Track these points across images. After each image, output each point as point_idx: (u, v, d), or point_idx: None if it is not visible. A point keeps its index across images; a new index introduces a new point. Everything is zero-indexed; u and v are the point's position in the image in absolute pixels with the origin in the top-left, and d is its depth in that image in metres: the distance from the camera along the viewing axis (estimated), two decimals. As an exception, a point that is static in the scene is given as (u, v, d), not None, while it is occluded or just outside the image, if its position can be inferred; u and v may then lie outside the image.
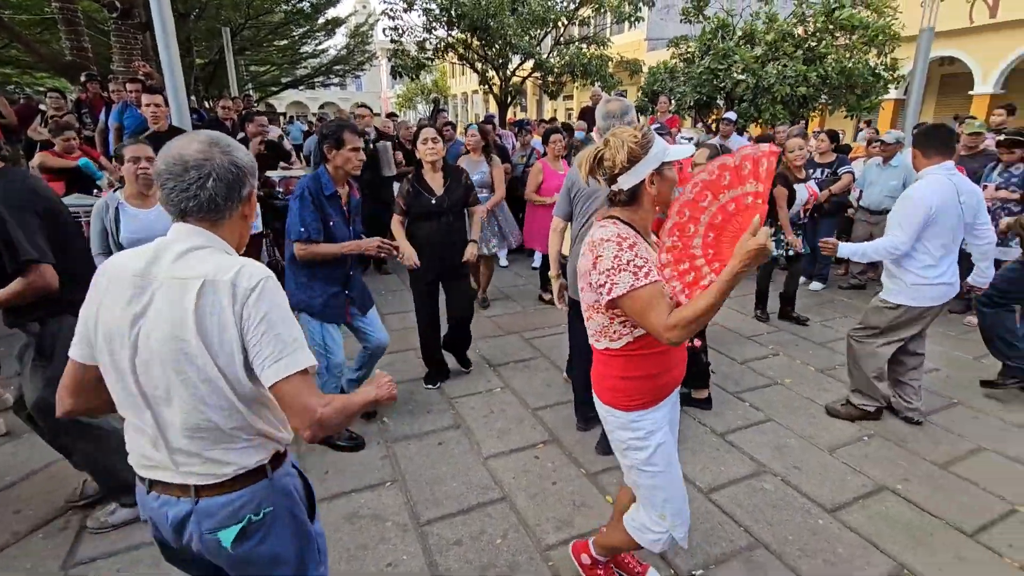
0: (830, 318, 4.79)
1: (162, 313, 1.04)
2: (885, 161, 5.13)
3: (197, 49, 14.04)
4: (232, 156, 1.11)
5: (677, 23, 10.81)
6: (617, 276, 1.41)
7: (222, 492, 1.13)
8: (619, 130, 1.49)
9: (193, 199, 1.08)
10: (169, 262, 1.06)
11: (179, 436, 1.09)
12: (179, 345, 1.03)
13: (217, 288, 1.03)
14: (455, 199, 3.23)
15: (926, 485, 2.56)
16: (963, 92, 14.25)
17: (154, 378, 1.06)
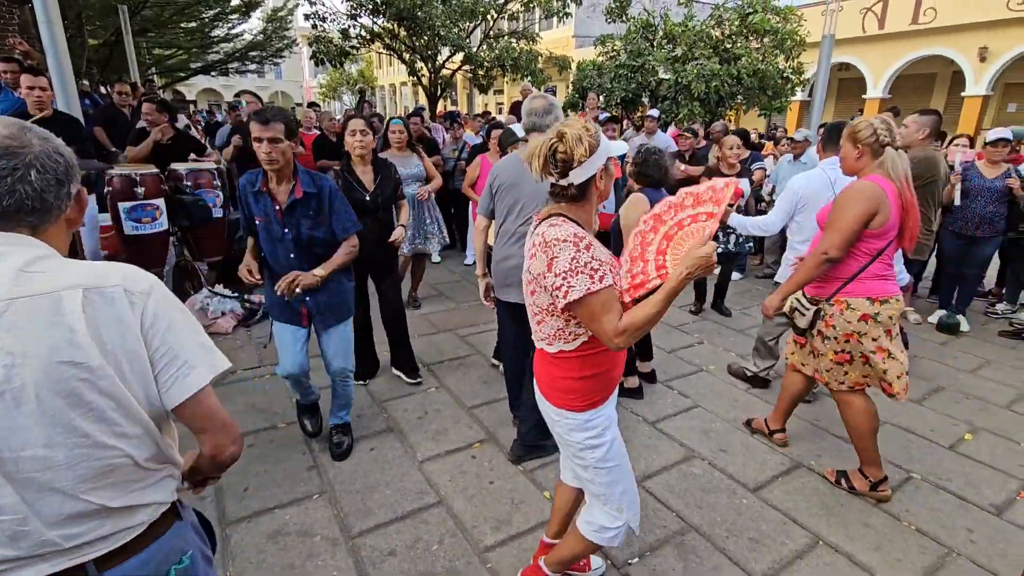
0: (748, 306, 5.07)
1: (25, 342, 0.79)
2: (796, 157, 5.50)
3: (90, 28, 12.67)
4: (53, 143, 0.90)
5: (604, 21, 11.05)
6: (574, 279, 1.36)
7: (135, 552, 0.92)
8: (571, 122, 1.44)
9: (9, 195, 0.83)
10: (8, 281, 0.81)
11: (66, 500, 0.85)
12: (71, 372, 0.82)
13: (107, 297, 0.85)
14: (387, 195, 3.15)
15: (835, 459, 2.76)
16: (857, 96, 15.63)
17: (21, 434, 0.81)
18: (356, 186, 3.07)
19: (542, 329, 1.54)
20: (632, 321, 1.35)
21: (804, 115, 15.15)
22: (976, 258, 4.43)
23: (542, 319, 1.53)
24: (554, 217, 1.47)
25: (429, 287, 5.37)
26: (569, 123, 1.44)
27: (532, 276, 1.47)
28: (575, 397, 1.55)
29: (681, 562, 2.10)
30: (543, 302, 1.49)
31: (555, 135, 1.43)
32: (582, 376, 1.54)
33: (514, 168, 2.58)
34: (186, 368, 0.91)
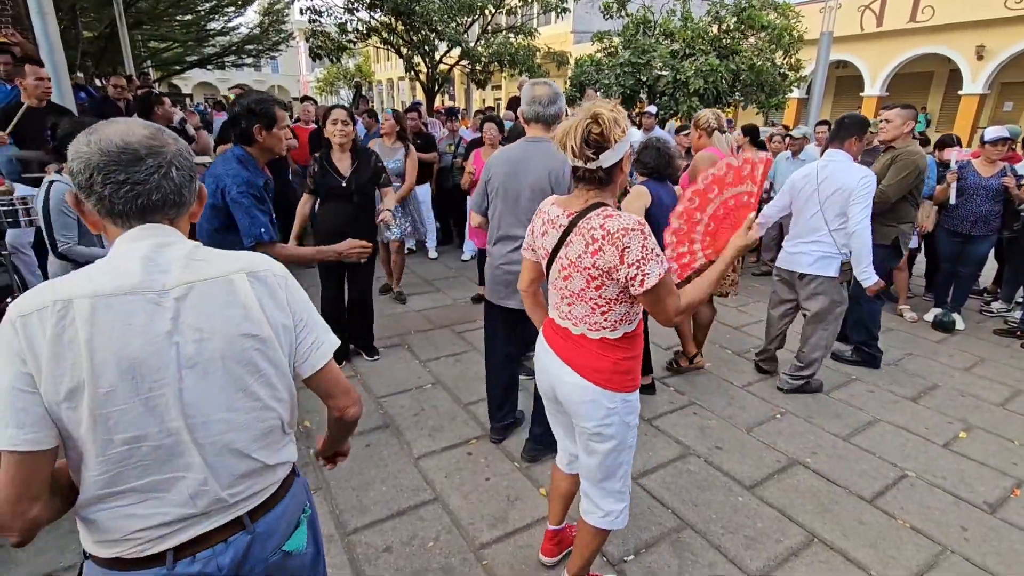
0: (744, 303, 5.08)
1: (210, 318, 0.90)
2: (794, 154, 5.49)
3: (85, 20, 12.56)
4: (182, 143, 0.97)
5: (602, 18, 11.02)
6: (647, 266, 1.39)
7: (275, 503, 1.05)
8: (603, 103, 1.43)
9: (157, 191, 0.91)
10: (180, 267, 0.90)
11: (241, 460, 0.97)
12: (250, 344, 0.94)
13: (262, 280, 0.98)
14: (363, 181, 3.19)
15: (831, 456, 2.77)
16: (855, 93, 15.63)
17: (209, 400, 0.92)
18: (332, 172, 3.13)
19: (608, 318, 1.52)
20: (691, 300, 1.48)
21: (802, 112, 15.16)
22: (971, 257, 4.44)
23: (609, 308, 1.51)
24: (599, 208, 1.46)
25: (425, 282, 5.36)
26: (601, 104, 1.43)
27: (600, 270, 1.44)
28: (632, 377, 1.60)
29: (676, 559, 2.10)
30: (611, 293, 1.48)
31: (588, 117, 1.40)
32: (635, 355, 1.60)
33: (510, 163, 2.41)
34: (319, 341, 1.05)
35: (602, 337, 1.55)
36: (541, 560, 2.04)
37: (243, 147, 2.22)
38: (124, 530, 0.91)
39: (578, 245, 1.47)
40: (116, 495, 0.89)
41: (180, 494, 0.92)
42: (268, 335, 0.96)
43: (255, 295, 0.95)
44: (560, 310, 1.62)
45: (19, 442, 0.81)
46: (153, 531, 0.92)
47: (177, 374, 0.88)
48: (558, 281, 1.58)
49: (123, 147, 0.88)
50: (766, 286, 5.58)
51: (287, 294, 1.02)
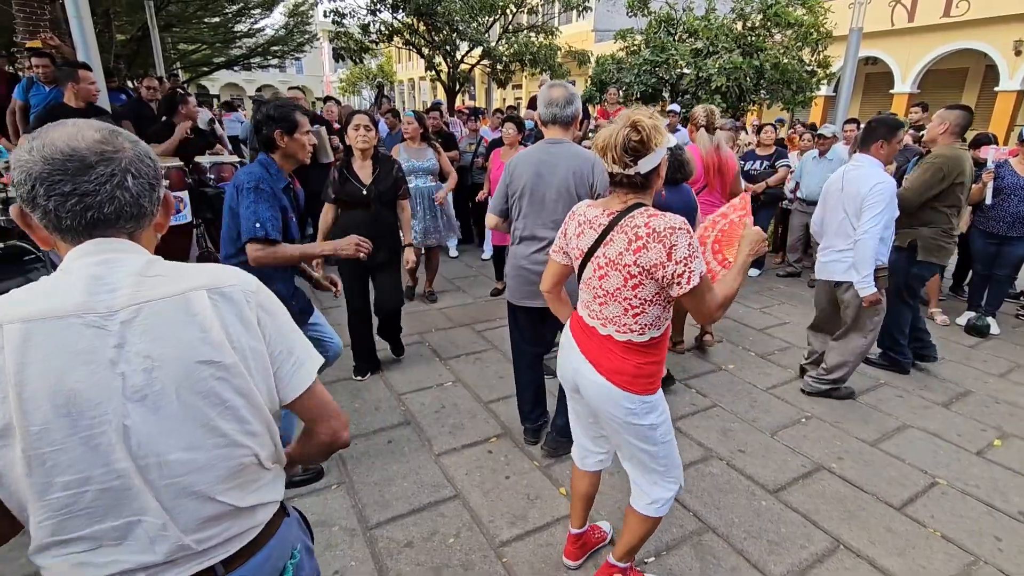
0: (768, 305, 4.99)
1: (161, 344, 0.79)
2: (821, 154, 5.38)
3: (117, 24, 12.92)
4: (142, 147, 0.86)
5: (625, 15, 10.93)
6: (692, 264, 1.42)
7: (255, 551, 0.93)
8: (640, 110, 1.46)
9: (109, 203, 0.80)
10: (130, 284, 0.79)
11: (205, 503, 0.85)
12: (208, 371, 0.82)
13: (227, 296, 0.85)
14: (383, 189, 3.14)
15: (858, 462, 2.71)
16: (884, 91, 15.24)
17: (163, 438, 0.80)
18: (352, 179, 3.09)
19: (638, 321, 1.53)
20: (726, 294, 1.53)
21: (829, 110, 14.83)
22: (1008, 259, 4.30)
23: (642, 310, 1.52)
24: (641, 207, 1.49)
25: (446, 281, 5.39)
26: (639, 111, 1.45)
27: (641, 268, 1.45)
28: (653, 381, 1.61)
29: (698, 562, 2.08)
30: (648, 294, 1.49)
31: (628, 124, 1.44)
32: (659, 360, 1.61)
33: (534, 165, 2.41)
34: (299, 362, 0.94)
35: (628, 340, 1.56)
36: (565, 563, 2.04)
37: (267, 154, 2.22)
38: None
39: (619, 243, 1.48)
40: (64, 543, 0.79)
41: (138, 540, 0.81)
42: (232, 361, 0.84)
43: (216, 315, 0.83)
44: (590, 308, 1.63)
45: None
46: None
47: (122, 408, 0.77)
48: (592, 280, 1.59)
49: (69, 154, 0.78)
50: (792, 288, 5.50)
51: (258, 311, 0.89)
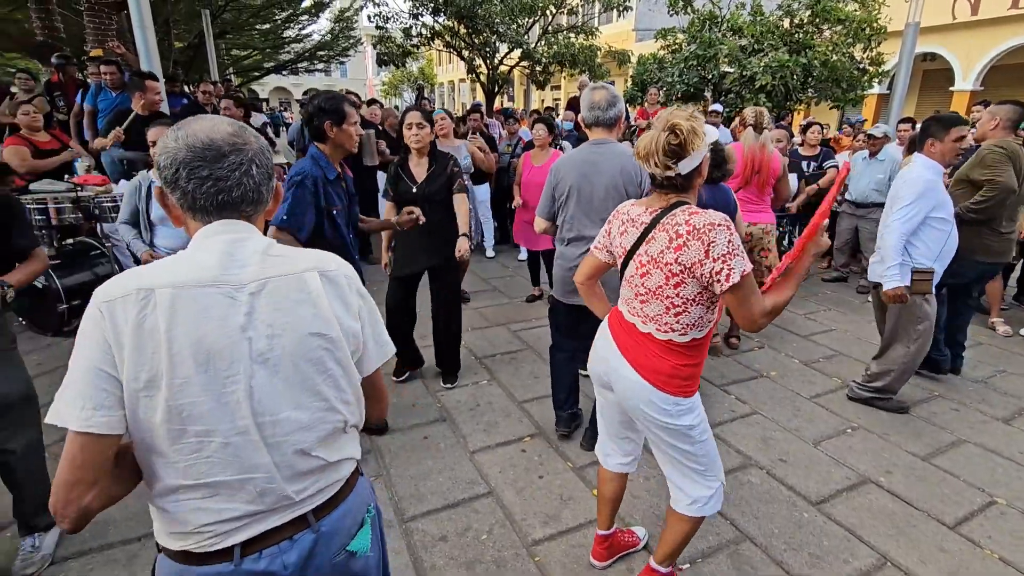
0: (813, 311, 4.82)
1: (282, 315, 0.90)
2: (872, 154, 5.16)
3: (176, 32, 13.62)
4: (263, 141, 0.98)
5: (666, 14, 10.76)
6: (732, 262, 1.40)
7: (337, 504, 1.04)
8: (678, 112, 1.45)
9: (237, 187, 0.91)
10: (256, 261, 0.91)
11: (304, 458, 0.96)
12: (318, 343, 0.93)
13: (332, 279, 0.98)
14: (435, 188, 3.03)
15: (908, 477, 2.59)
16: (944, 88, 14.46)
17: (277, 398, 0.91)
18: (405, 178, 3.06)
19: (680, 320, 1.52)
20: (777, 302, 1.48)
21: (882, 109, 14.18)
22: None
23: (684, 309, 1.51)
24: (683, 205, 1.49)
25: (482, 281, 5.44)
26: (677, 114, 1.45)
27: (682, 266, 1.45)
28: (690, 384, 1.59)
29: (735, 572, 2.04)
30: (690, 293, 1.49)
31: (666, 129, 1.44)
32: (698, 363, 1.59)
33: (581, 165, 2.41)
34: (377, 345, 1.06)
35: (669, 339, 1.55)
36: (592, 563, 2.04)
37: (317, 145, 2.31)
38: (193, 523, 0.90)
39: (661, 241, 1.48)
40: (187, 488, 0.89)
41: (248, 492, 0.92)
42: (337, 335, 0.96)
43: (326, 295, 0.95)
44: (631, 305, 1.63)
45: (93, 424, 0.81)
46: (221, 525, 0.92)
47: (249, 369, 0.88)
48: (634, 278, 1.59)
49: (208, 143, 0.89)
50: (837, 293, 5.30)
51: (356, 295, 1.02)
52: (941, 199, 2.84)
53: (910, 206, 2.81)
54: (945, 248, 2.89)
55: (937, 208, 2.83)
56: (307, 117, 2.29)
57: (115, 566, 2.00)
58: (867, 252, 4.40)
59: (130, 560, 2.02)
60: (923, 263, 2.88)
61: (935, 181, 2.84)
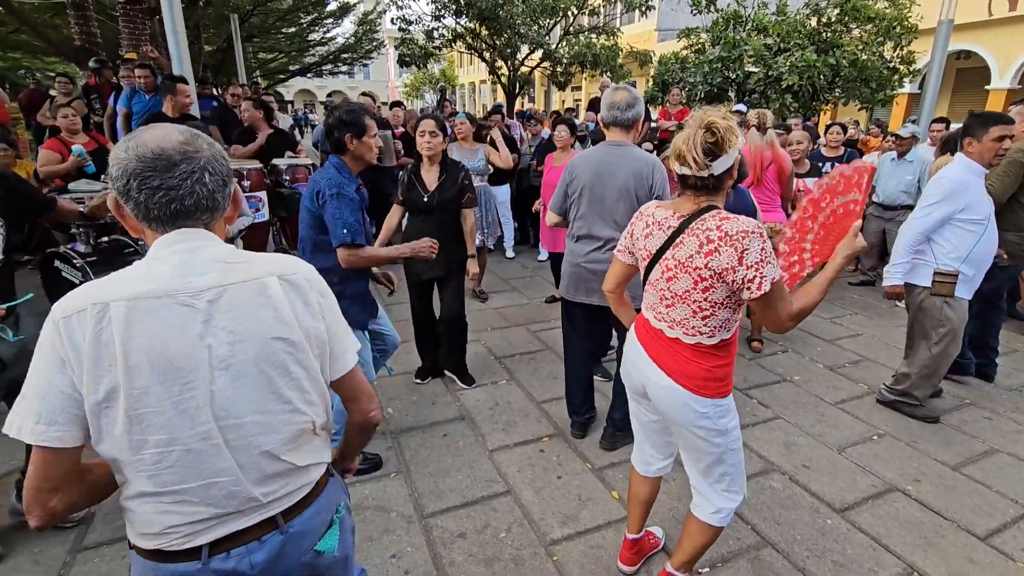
0: (839, 315, 4.73)
1: (242, 322, 0.92)
2: (900, 155, 5.04)
3: (206, 36, 13.98)
4: (217, 147, 0.98)
5: (689, 14, 10.66)
6: (765, 269, 1.39)
7: (308, 504, 1.06)
8: (713, 112, 1.44)
9: (189, 196, 0.91)
10: (213, 270, 0.92)
11: (271, 462, 0.98)
12: (280, 346, 0.95)
13: (294, 283, 0.99)
14: (445, 198, 3.04)
15: (937, 486, 2.53)
16: (979, 87, 14.02)
17: (241, 404, 0.94)
18: (417, 186, 3.07)
19: (707, 324, 1.51)
20: (803, 306, 1.47)
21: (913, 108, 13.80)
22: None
23: (711, 313, 1.50)
24: (713, 210, 1.48)
25: (502, 281, 5.46)
26: (712, 113, 1.44)
27: (712, 272, 1.43)
28: (726, 383, 1.59)
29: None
30: (718, 297, 1.48)
31: (702, 127, 1.42)
32: (729, 362, 1.59)
33: (594, 165, 2.44)
34: (345, 346, 1.07)
35: (697, 343, 1.54)
36: (620, 568, 2.02)
37: (338, 156, 2.32)
38: (161, 525, 0.94)
39: (690, 246, 1.46)
40: (151, 495, 0.92)
41: (213, 495, 0.94)
42: (299, 339, 0.97)
43: (287, 299, 0.96)
44: (657, 311, 1.61)
45: (45, 439, 0.84)
46: (188, 527, 0.95)
47: (209, 375, 0.90)
48: (659, 282, 1.57)
49: (158, 153, 0.89)
50: (865, 297, 5.18)
51: (318, 297, 1.02)
52: (973, 200, 2.76)
53: (933, 205, 2.78)
54: (975, 251, 2.80)
55: (967, 209, 2.76)
56: (328, 129, 2.31)
57: (146, 553, 2.07)
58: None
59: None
60: (948, 264, 2.82)
61: (968, 181, 2.76)
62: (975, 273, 2.85)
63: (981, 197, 2.79)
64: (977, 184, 2.79)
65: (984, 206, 2.79)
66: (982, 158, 2.78)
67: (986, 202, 2.80)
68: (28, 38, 12.36)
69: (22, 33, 12.03)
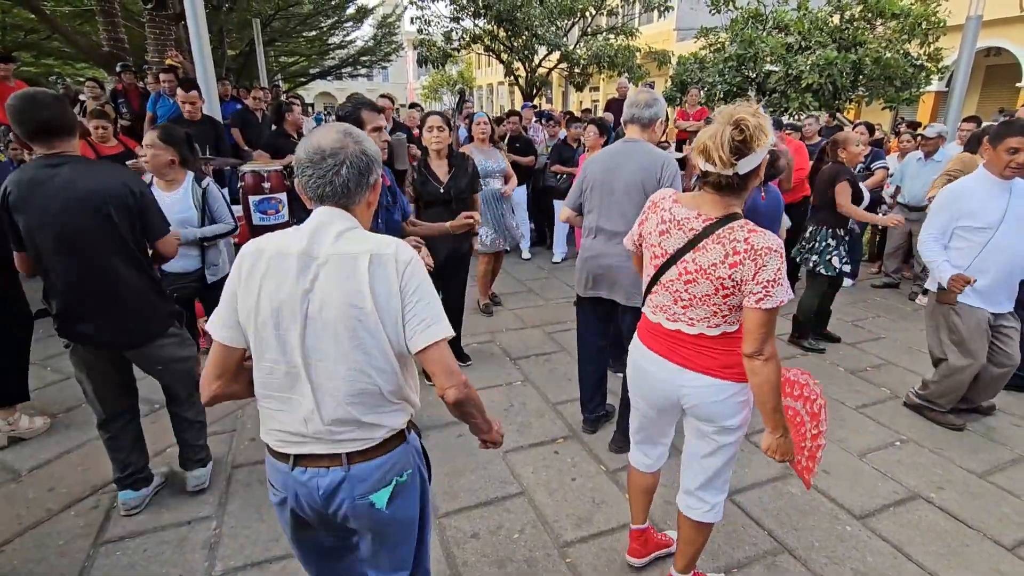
0: (861, 318, 4.63)
1: (334, 285, 1.10)
2: (927, 156, 4.92)
3: (228, 40, 14.26)
4: (363, 146, 1.18)
5: (708, 13, 10.55)
6: (774, 289, 1.38)
7: (373, 456, 1.20)
8: (744, 109, 1.38)
9: (328, 185, 1.15)
10: (331, 240, 1.13)
11: (338, 406, 1.15)
12: (355, 313, 1.10)
13: (383, 261, 1.12)
14: (461, 187, 3.26)
15: (962, 494, 2.46)
16: (1010, 84, 13.62)
17: (323, 348, 1.12)
18: (430, 179, 3.22)
19: (728, 319, 1.53)
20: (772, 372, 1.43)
21: (940, 107, 13.46)
22: None
23: (730, 312, 1.51)
24: (740, 220, 1.44)
25: (518, 283, 5.46)
26: (742, 109, 1.38)
27: (735, 282, 1.43)
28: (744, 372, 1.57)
29: (772, 583, 1.98)
30: (738, 302, 1.47)
31: (730, 124, 1.35)
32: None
33: (606, 160, 2.50)
34: (427, 323, 1.16)
35: (723, 332, 1.53)
36: (629, 561, 2.02)
37: None
38: (270, 425, 1.21)
39: (714, 253, 1.43)
40: (266, 398, 1.20)
41: (297, 415, 1.16)
42: (369, 308, 1.11)
43: (369, 273, 1.11)
44: (670, 312, 1.59)
45: (219, 336, 1.18)
46: (283, 435, 1.19)
47: (303, 322, 1.12)
48: (675, 283, 1.54)
49: (317, 148, 1.14)
50: (889, 300, 5.07)
51: (404, 278, 1.14)
52: (975, 208, 2.67)
53: (932, 213, 2.81)
54: (979, 259, 2.69)
55: (967, 216, 2.69)
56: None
57: (166, 547, 2.12)
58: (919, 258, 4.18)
59: (180, 542, 2.14)
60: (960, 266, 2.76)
61: (972, 189, 2.70)
62: (989, 282, 2.72)
63: (987, 204, 2.67)
64: (985, 192, 2.68)
65: (988, 214, 2.67)
66: (994, 168, 2.66)
67: (995, 209, 2.67)
68: (60, 44, 12.77)
69: (54, 40, 12.43)
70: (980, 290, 2.74)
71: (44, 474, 2.54)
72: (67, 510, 2.31)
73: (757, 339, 1.42)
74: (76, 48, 9.70)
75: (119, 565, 2.04)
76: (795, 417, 1.67)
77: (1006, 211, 2.65)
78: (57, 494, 2.40)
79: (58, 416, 2.99)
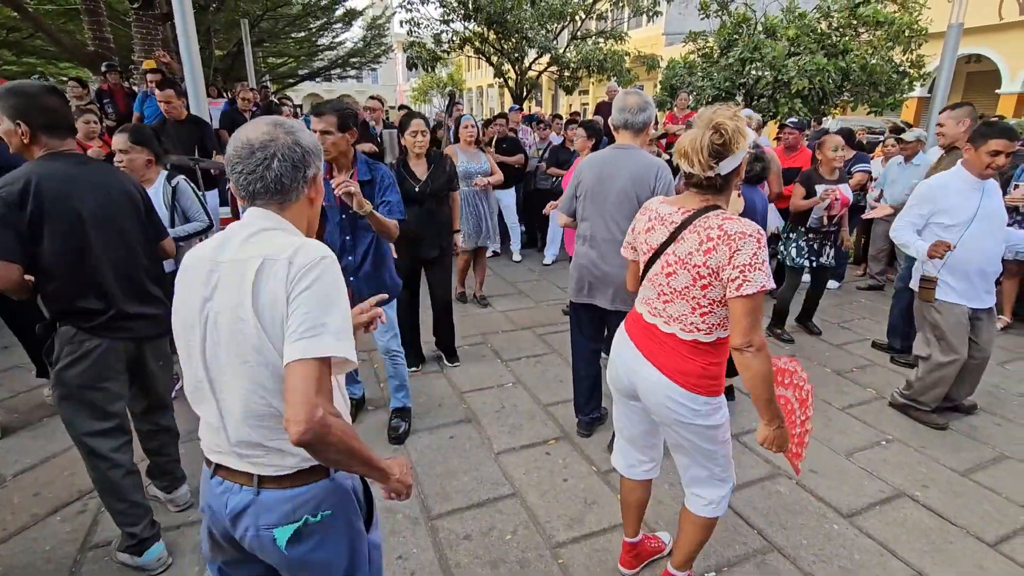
0: (847, 320, 4.70)
1: (226, 294, 1.02)
2: (907, 159, 5.01)
3: (216, 41, 14.13)
4: (295, 136, 1.08)
5: (696, 18, 10.66)
6: (751, 274, 1.39)
7: (283, 486, 1.08)
8: (722, 111, 1.43)
9: (259, 180, 1.05)
10: (236, 245, 1.05)
11: (240, 425, 1.05)
12: (239, 325, 1.00)
13: (274, 265, 0.99)
14: (437, 186, 3.34)
15: (946, 492, 2.51)
16: (989, 91, 13.92)
17: (220, 363, 1.04)
18: (408, 177, 3.31)
19: (706, 321, 1.52)
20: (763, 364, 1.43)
21: (923, 112, 13.72)
22: None
23: (710, 310, 1.51)
24: (717, 209, 1.49)
25: (508, 285, 5.47)
26: (720, 113, 1.43)
27: (710, 270, 1.45)
28: (719, 381, 1.59)
29: (761, 581, 2.01)
30: (716, 295, 1.49)
31: (709, 128, 1.41)
32: (723, 361, 1.59)
33: (599, 167, 2.49)
34: (299, 333, 0.95)
35: (694, 339, 1.54)
36: (620, 571, 2.03)
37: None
38: (202, 432, 1.15)
39: (690, 242, 1.48)
40: (195, 405, 1.13)
41: (212, 426, 1.10)
42: (251, 320, 0.98)
43: (255, 279, 0.99)
44: (652, 306, 1.62)
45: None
46: (209, 441, 1.13)
47: (203, 333, 1.04)
48: (659, 277, 1.58)
49: (245, 143, 1.05)
50: (873, 302, 5.15)
51: (294, 281, 0.98)
52: (950, 204, 2.76)
53: (907, 207, 2.92)
54: (954, 257, 2.74)
55: (940, 213, 2.78)
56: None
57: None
58: (902, 260, 4.25)
59: (170, 548, 2.11)
60: (929, 270, 2.84)
61: (947, 185, 2.77)
62: (964, 280, 2.79)
63: (960, 202, 2.74)
64: (959, 189, 2.76)
65: (961, 211, 2.73)
66: (973, 168, 2.73)
67: (967, 207, 2.72)
68: (43, 43, 12.56)
69: (37, 38, 12.23)
70: (955, 287, 2.82)
71: (29, 479, 2.50)
72: (53, 515, 2.28)
73: (743, 329, 1.42)
74: (60, 47, 9.54)
75: (108, 570, 2.01)
76: (786, 405, 1.68)
77: (978, 209, 2.72)
78: (43, 499, 2.36)
79: (43, 420, 2.95)
